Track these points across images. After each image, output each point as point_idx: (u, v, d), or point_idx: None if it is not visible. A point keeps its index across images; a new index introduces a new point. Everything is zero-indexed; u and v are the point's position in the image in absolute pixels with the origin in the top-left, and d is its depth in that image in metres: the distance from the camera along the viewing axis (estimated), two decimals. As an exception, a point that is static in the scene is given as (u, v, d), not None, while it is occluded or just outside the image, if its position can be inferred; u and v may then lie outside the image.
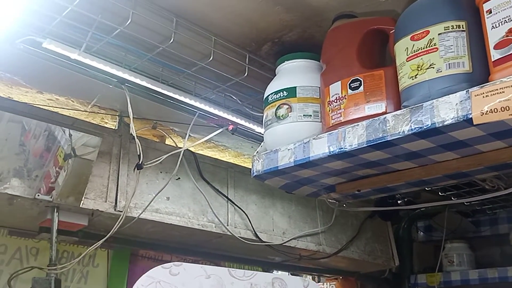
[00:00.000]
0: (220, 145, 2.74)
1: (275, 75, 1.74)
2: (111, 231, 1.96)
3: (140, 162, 1.95)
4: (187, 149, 2.42)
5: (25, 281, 2.14)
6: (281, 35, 1.72)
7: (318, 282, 3.50)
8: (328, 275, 3.49)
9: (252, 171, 1.61)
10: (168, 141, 2.55)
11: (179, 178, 2.42)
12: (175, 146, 2.43)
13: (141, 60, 1.73)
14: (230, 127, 2.10)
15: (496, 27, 1.16)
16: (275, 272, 3.27)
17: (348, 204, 1.91)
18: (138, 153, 1.97)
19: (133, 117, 1.97)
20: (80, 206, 2.11)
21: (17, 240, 2.37)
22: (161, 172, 2.32)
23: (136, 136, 2.04)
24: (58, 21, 1.50)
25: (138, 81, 1.74)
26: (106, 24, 1.55)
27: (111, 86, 1.97)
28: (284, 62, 1.65)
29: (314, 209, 2.95)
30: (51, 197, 2.09)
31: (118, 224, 1.96)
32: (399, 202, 3.22)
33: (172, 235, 2.52)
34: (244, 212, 2.59)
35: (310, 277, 3.54)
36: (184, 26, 1.64)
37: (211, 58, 1.69)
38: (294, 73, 1.60)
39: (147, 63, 1.78)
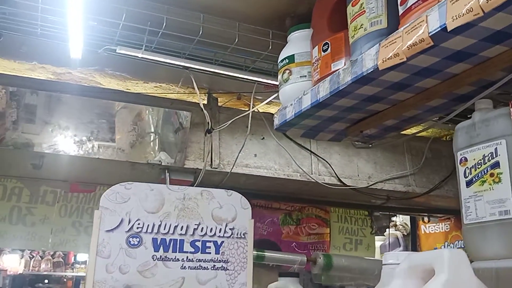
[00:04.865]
0: (302, 106, 3.11)
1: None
2: (197, 180, 2.54)
3: (209, 128, 2.46)
4: (268, 112, 2.87)
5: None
6: (294, 10, 2.07)
7: (428, 222, 3.68)
8: (439, 215, 3.64)
9: (273, 125, 2.00)
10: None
11: (263, 138, 2.89)
12: (257, 111, 2.89)
13: (189, 47, 2.22)
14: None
15: (401, -14, 1.39)
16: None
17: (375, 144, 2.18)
18: (208, 121, 2.48)
19: (203, 93, 2.49)
20: (184, 166, 2.72)
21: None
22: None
23: (211, 107, 2.55)
24: (118, 33, 2.07)
25: (191, 65, 2.23)
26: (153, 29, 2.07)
27: (187, 71, 2.50)
28: (290, 34, 1.98)
29: (402, 153, 3.17)
30: (159, 161, 2.72)
31: (201, 175, 2.53)
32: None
33: (265, 185, 3.00)
34: (327, 161, 2.96)
35: (420, 218, 3.73)
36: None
37: (236, 40, 2.11)
38: (294, 42, 1.93)
39: (196, 49, 2.26)
